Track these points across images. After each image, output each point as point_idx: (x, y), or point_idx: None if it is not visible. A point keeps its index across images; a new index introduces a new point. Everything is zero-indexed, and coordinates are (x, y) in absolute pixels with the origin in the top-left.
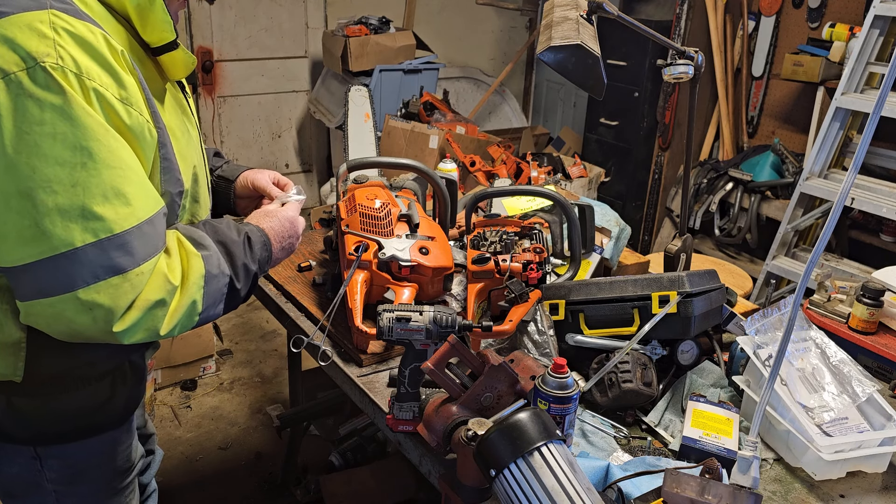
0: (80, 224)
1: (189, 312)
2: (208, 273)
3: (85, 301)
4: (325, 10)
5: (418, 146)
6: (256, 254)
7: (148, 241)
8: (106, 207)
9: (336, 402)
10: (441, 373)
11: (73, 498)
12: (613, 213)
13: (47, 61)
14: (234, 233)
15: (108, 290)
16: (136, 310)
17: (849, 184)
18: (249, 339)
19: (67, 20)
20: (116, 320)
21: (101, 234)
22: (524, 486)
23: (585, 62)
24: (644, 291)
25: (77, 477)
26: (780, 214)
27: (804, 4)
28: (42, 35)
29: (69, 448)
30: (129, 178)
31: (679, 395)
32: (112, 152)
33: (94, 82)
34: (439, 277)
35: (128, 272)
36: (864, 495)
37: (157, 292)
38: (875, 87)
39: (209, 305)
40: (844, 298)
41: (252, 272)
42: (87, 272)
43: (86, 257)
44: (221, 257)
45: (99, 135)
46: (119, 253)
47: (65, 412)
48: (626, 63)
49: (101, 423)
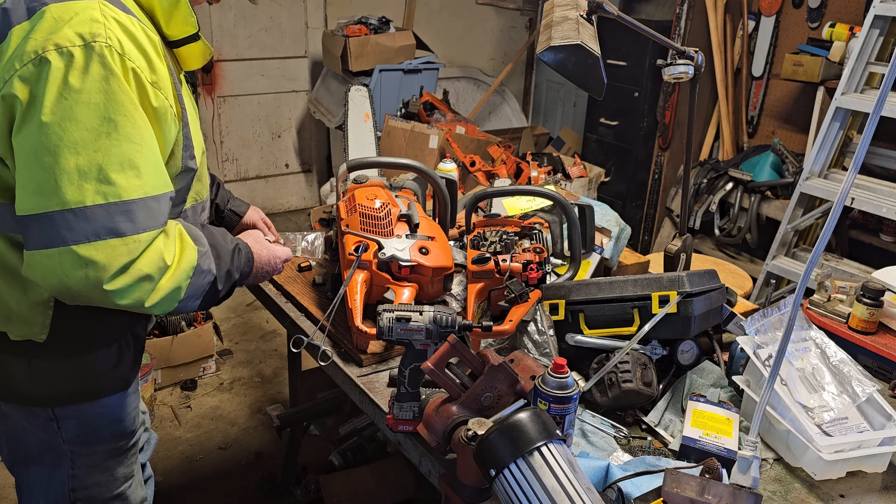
0: (93, 185)
1: (172, 296)
2: (199, 267)
3: (82, 256)
4: (325, 10)
5: (418, 146)
6: (242, 264)
7: (150, 214)
8: (120, 175)
9: (336, 402)
10: (441, 373)
11: (86, 457)
12: (613, 213)
13: (98, 40)
14: (227, 242)
15: (105, 250)
16: (127, 276)
17: (849, 184)
18: (249, 339)
19: (114, 10)
20: (107, 279)
21: (111, 198)
22: (524, 486)
23: (585, 62)
24: (644, 291)
25: (91, 436)
26: (780, 214)
27: (804, 4)
28: (94, 20)
29: (83, 408)
30: (145, 154)
31: (679, 395)
32: (136, 128)
33: (133, 63)
34: (439, 277)
35: (126, 237)
36: (864, 495)
37: (149, 266)
38: (875, 87)
39: (190, 297)
40: (844, 298)
41: (234, 279)
42: (90, 229)
43: (92, 215)
44: (212, 257)
45: (128, 111)
46: (123, 218)
47: (80, 373)
48: (626, 63)
49: (111, 385)
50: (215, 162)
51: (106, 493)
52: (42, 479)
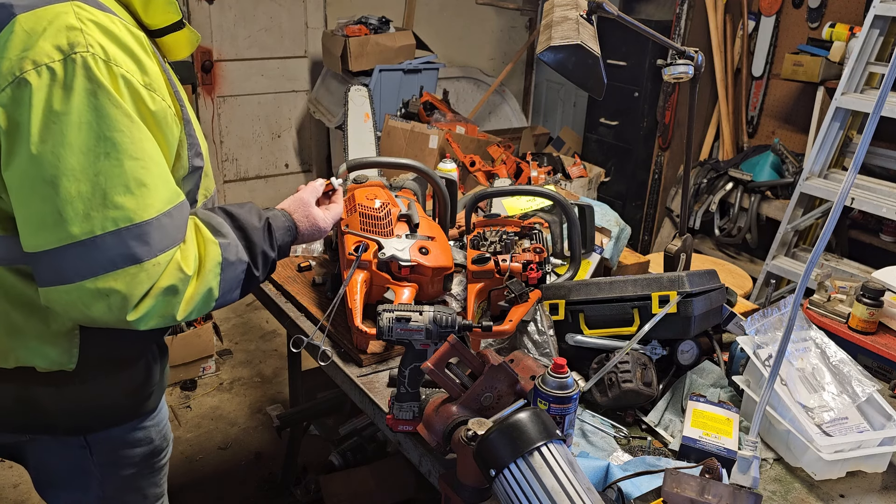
0: (100, 213)
1: (206, 299)
2: (225, 261)
3: (102, 289)
4: (325, 10)
5: (418, 146)
6: (277, 239)
7: (166, 232)
8: (127, 197)
9: (336, 402)
10: (441, 373)
11: (116, 479)
12: (613, 213)
13: (78, 50)
14: (255, 218)
15: (124, 279)
16: (150, 298)
17: (849, 184)
18: (249, 339)
19: (90, 11)
20: (131, 308)
21: (121, 224)
22: (524, 486)
23: (585, 62)
24: (644, 291)
25: (125, 459)
26: (780, 214)
27: (804, 4)
28: (71, 27)
29: (115, 432)
30: (150, 169)
31: (679, 395)
32: (135, 143)
33: (121, 69)
34: (439, 277)
35: (144, 262)
36: (863, 495)
37: (169, 279)
38: (875, 87)
39: (226, 291)
40: (844, 298)
41: (271, 259)
42: (105, 260)
43: (104, 245)
44: (240, 244)
45: (123, 125)
46: (137, 242)
47: (111, 397)
48: (626, 63)
49: (141, 405)
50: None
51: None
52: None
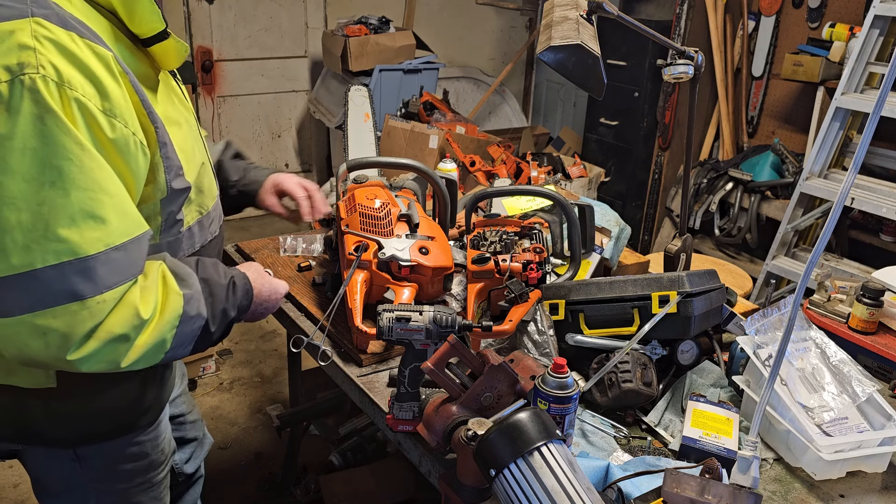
0: (41, 245)
1: (156, 350)
2: (185, 314)
3: (39, 325)
4: (325, 10)
5: (418, 146)
6: (238, 299)
7: (115, 267)
8: (72, 230)
9: (336, 402)
10: (441, 373)
11: (111, 493)
12: (613, 213)
13: (27, 72)
14: (220, 275)
15: (64, 316)
16: (95, 340)
17: (849, 184)
18: (249, 339)
19: (49, 28)
20: (72, 348)
21: (64, 258)
22: (524, 486)
23: (585, 62)
24: (644, 291)
25: (116, 474)
26: (780, 214)
27: (804, 4)
28: (23, 45)
29: (107, 446)
30: (101, 200)
31: (679, 395)
32: (85, 172)
33: (76, 92)
34: (439, 277)
35: (86, 300)
36: (863, 495)
37: (122, 326)
38: (875, 87)
39: (178, 346)
40: (844, 298)
41: (229, 318)
42: (44, 295)
43: (45, 279)
44: (202, 298)
45: (72, 153)
46: (80, 278)
47: (99, 412)
48: (626, 63)
49: (135, 421)
50: None
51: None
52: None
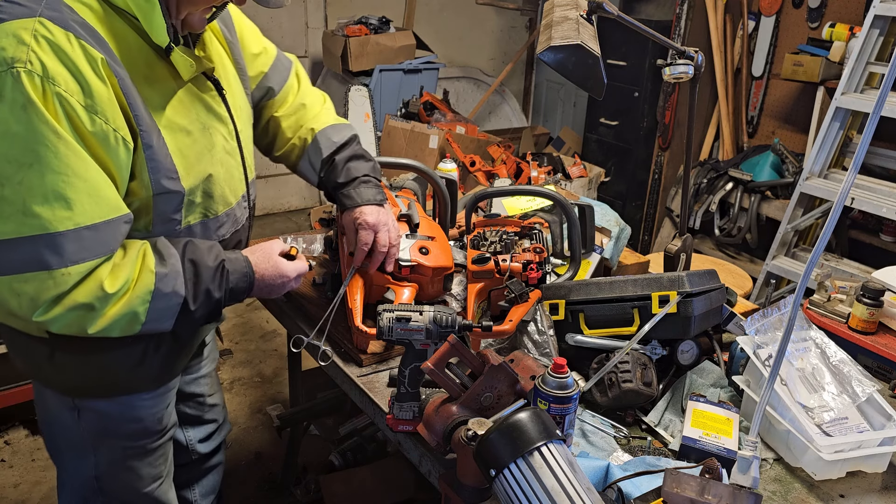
0: (18, 219)
1: (129, 320)
2: (157, 290)
3: (14, 287)
4: (325, 10)
5: (418, 146)
6: (229, 282)
7: (84, 245)
8: (44, 208)
9: (336, 402)
10: (441, 373)
11: (107, 452)
12: (613, 213)
13: (17, 66)
14: (210, 258)
15: (34, 283)
16: (60, 306)
17: (849, 184)
18: (249, 339)
19: (50, 28)
20: (39, 311)
21: (36, 231)
22: (524, 486)
23: (585, 62)
24: (644, 291)
25: (109, 431)
26: (780, 214)
27: (804, 4)
28: (21, 41)
29: (101, 404)
30: (73, 184)
31: (679, 395)
32: (59, 159)
33: (58, 87)
34: (439, 277)
35: (53, 270)
36: (863, 495)
37: (86, 296)
38: (875, 87)
39: (155, 319)
40: (844, 298)
41: (214, 299)
42: (19, 262)
43: (20, 248)
44: (181, 278)
45: (49, 141)
46: (48, 251)
47: (97, 369)
48: (626, 63)
49: (131, 385)
50: None
51: (131, 491)
52: (71, 468)
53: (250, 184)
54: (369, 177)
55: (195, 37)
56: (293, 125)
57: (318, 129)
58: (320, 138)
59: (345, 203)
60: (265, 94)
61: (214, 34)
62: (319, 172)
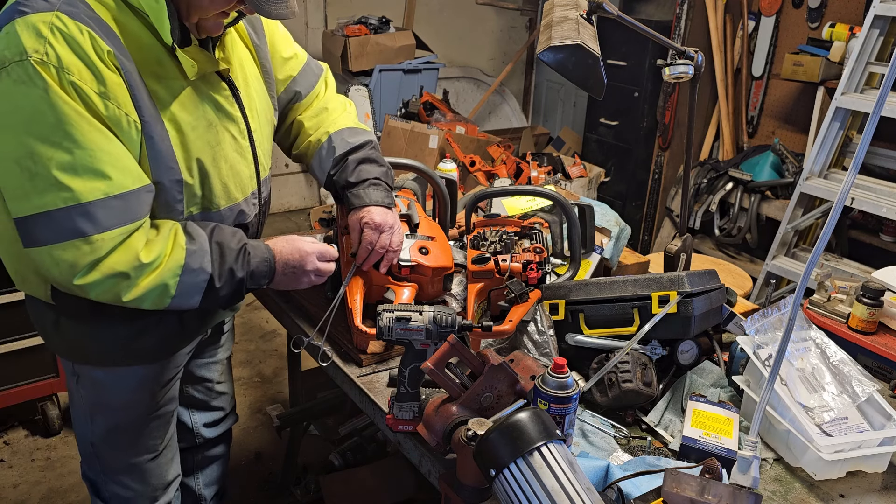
0: (53, 192)
1: (160, 293)
2: (187, 266)
3: (54, 255)
4: (325, 10)
5: (418, 146)
6: (250, 265)
7: (113, 213)
8: (75, 180)
9: (336, 402)
10: (441, 373)
11: (101, 419)
12: (613, 213)
13: (34, 56)
14: (234, 241)
15: (71, 250)
16: (97, 272)
17: (849, 184)
18: (249, 339)
19: (65, 21)
20: (77, 276)
21: (70, 202)
22: (524, 486)
23: (585, 62)
24: (644, 291)
25: (102, 399)
26: (780, 214)
27: (804, 4)
28: (39, 34)
29: (97, 372)
30: (98, 157)
31: (679, 395)
32: (84, 135)
33: (72, 76)
34: (439, 277)
35: (89, 236)
36: (863, 495)
37: (122, 265)
38: (875, 87)
39: (183, 294)
40: (844, 298)
41: (237, 278)
42: (56, 232)
43: (56, 219)
44: (208, 256)
45: (73, 120)
46: (83, 220)
47: (95, 339)
48: (626, 63)
49: (125, 357)
50: None
51: (123, 459)
52: (78, 432)
53: (262, 182)
54: (380, 180)
55: (216, 38)
56: (314, 126)
57: (333, 131)
58: (335, 138)
59: (353, 202)
60: (293, 98)
61: (241, 37)
62: (330, 171)
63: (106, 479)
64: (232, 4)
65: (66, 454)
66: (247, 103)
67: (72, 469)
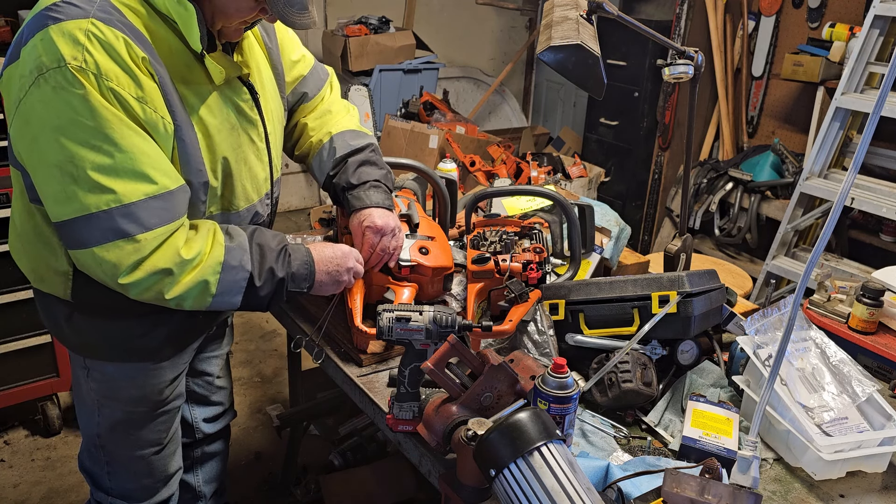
0: (95, 194)
1: (201, 290)
2: (226, 263)
3: (97, 256)
4: (325, 10)
5: (418, 146)
6: (291, 266)
7: (154, 212)
8: (117, 182)
9: (336, 402)
10: (441, 373)
11: (109, 412)
12: (613, 213)
13: (73, 63)
14: (274, 242)
15: (114, 250)
16: (141, 271)
17: (849, 184)
18: (249, 339)
19: (101, 28)
20: (121, 275)
21: (112, 204)
22: (524, 486)
23: (585, 62)
24: (644, 291)
25: (111, 393)
26: (780, 214)
27: (804, 4)
28: (76, 41)
29: (107, 367)
30: (138, 159)
31: (679, 395)
32: (124, 138)
33: (111, 83)
34: (439, 277)
35: (133, 236)
36: (863, 495)
37: (165, 261)
38: (875, 87)
39: (224, 292)
40: (844, 298)
41: (278, 277)
42: (99, 233)
43: (99, 221)
44: (247, 255)
45: (113, 124)
46: (125, 220)
47: (108, 334)
48: (626, 63)
49: (135, 353)
50: None
51: (128, 452)
52: (83, 423)
53: (275, 182)
54: (380, 183)
55: (234, 42)
56: (316, 127)
57: (336, 132)
58: (337, 140)
59: (353, 204)
60: (300, 99)
61: (256, 39)
62: (330, 172)
63: (109, 471)
64: (255, 13)
65: (66, 454)
66: (264, 106)
67: (72, 469)
